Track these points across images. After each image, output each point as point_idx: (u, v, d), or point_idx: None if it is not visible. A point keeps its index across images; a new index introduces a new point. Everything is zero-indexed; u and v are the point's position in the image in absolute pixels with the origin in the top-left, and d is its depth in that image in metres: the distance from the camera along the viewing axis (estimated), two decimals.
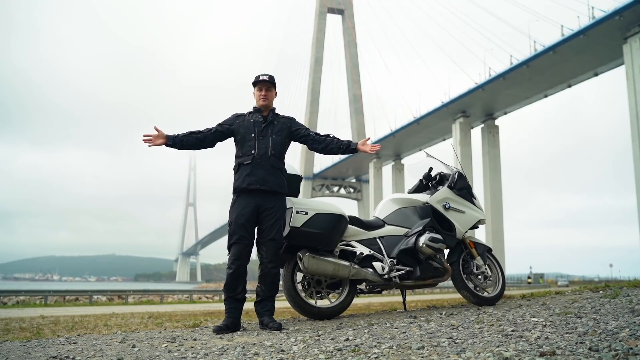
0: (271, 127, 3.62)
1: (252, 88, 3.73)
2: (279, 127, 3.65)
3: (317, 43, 53.97)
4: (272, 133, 3.60)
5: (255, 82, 3.71)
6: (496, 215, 36.46)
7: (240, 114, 3.73)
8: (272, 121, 3.65)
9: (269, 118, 3.65)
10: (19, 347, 2.95)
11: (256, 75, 3.74)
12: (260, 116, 3.65)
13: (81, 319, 5.85)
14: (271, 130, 3.61)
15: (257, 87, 3.70)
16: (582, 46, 28.08)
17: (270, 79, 3.69)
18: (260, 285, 3.50)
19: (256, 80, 3.70)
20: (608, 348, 1.88)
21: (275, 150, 3.57)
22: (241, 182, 3.49)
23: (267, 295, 3.49)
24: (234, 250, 3.43)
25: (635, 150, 25.62)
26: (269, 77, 3.69)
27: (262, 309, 3.47)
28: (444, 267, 4.05)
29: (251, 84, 3.74)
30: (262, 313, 3.46)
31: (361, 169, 53.44)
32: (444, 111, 37.91)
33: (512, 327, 2.60)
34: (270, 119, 3.65)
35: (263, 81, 3.67)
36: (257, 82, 3.69)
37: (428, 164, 4.51)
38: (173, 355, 2.40)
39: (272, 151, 3.55)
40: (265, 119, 3.64)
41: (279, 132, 3.63)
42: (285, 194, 3.63)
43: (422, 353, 2.07)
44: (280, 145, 3.62)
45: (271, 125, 3.63)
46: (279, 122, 3.68)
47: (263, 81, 3.67)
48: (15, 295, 17.02)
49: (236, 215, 3.46)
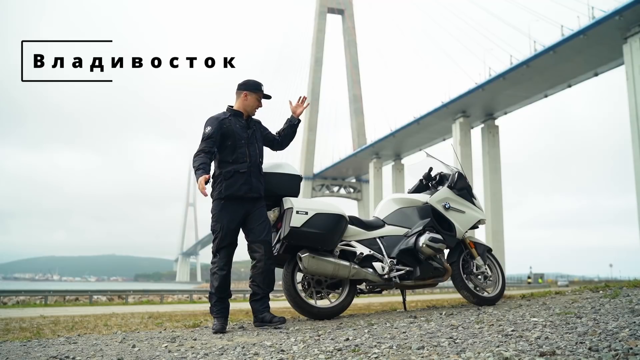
0: (255, 134, 3.65)
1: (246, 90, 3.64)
2: (258, 132, 3.70)
3: (317, 43, 53.92)
4: (257, 140, 3.64)
5: (258, 90, 3.66)
6: (496, 215, 36.42)
7: (221, 117, 3.58)
8: (254, 128, 3.67)
9: (251, 124, 3.66)
10: (19, 347, 2.95)
11: (258, 83, 3.69)
12: (243, 120, 3.62)
13: (81, 319, 5.85)
14: (256, 137, 3.64)
15: (257, 95, 3.66)
16: (582, 46, 28.05)
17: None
18: (258, 283, 3.51)
19: (259, 89, 3.67)
20: (608, 348, 1.88)
21: (261, 157, 3.65)
22: (236, 190, 3.47)
23: (265, 293, 3.53)
24: (225, 253, 3.50)
25: (635, 150, 25.60)
26: None
27: (262, 307, 3.50)
28: (444, 267, 4.05)
29: (248, 87, 3.65)
30: (262, 310, 3.49)
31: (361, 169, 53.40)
32: (444, 111, 37.87)
33: (512, 327, 2.60)
34: (253, 126, 3.67)
35: (265, 95, 3.69)
36: (260, 91, 3.67)
37: (428, 164, 4.51)
38: (173, 355, 2.40)
39: (260, 158, 3.62)
40: (249, 125, 3.64)
41: (260, 137, 3.69)
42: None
43: (422, 353, 2.07)
44: (262, 152, 3.68)
45: (254, 132, 3.65)
46: (257, 128, 3.71)
47: (265, 95, 3.69)
48: (15, 295, 16.99)
49: (228, 220, 3.48)
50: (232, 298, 3.58)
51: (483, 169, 37.93)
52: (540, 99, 35.77)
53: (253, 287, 3.54)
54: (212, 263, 3.54)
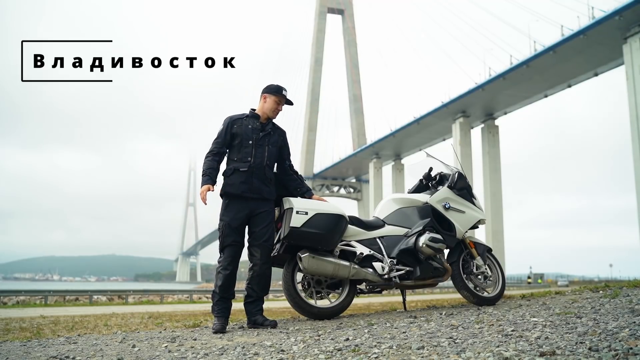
0: (269, 137, 3.63)
1: (266, 93, 3.66)
2: (275, 138, 3.67)
3: (317, 43, 53.91)
4: (269, 143, 3.62)
5: (277, 92, 3.65)
6: (496, 215, 36.42)
7: (236, 117, 3.66)
8: (270, 132, 3.66)
9: (267, 128, 3.65)
10: (19, 347, 2.95)
11: (278, 86, 3.69)
12: (258, 123, 3.64)
13: (81, 319, 5.85)
14: (268, 140, 3.62)
15: (276, 97, 3.65)
16: (582, 46, 28.05)
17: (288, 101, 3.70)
18: (253, 285, 3.56)
19: (279, 92, 3.65)
20: (608, 348, 1.88)
21: (270, 161, 3.62)
22: (235, 189, 3.51)
23: (259, 296, 3.58)
24: (229, 252, 3.50)
25: (635, 150, 25.60)
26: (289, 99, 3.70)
27: (255, 309, 3.54)
28: (444, 267, 4.05)
29: (269, 89, 3.66)
30: (255, 313, 3.53)
31: (361, 169, 53.39)
32: (444, 111, 37.88)
33: (512, 327, 2.60)
34: (269, 129, 3.66)
35: (285, 97, 3.66)
36: (279, 94, 3.65)
37: (428, 164, 4.51)
38: (173, 355, 2.40)
39: (267, 161, 3.59)
40: (264, 128, 3.64)
41: (275, 143, 3.66)
42: (273, 200, 3.67)
43: (422, 353, 2.07)
44: (274, 156, 3.66)
45: (269, 136, 3.64)
46: (276, 133, 3.70)
47: (285, 97, 3.66)
48: (15, 295, 16.99)
49: (230, 218, 3.50)
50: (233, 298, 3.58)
51: (483, 169, 37.93)
52: (540, 99, 35.77)
53: (248, 290, 3.58)
54: (217, 262, 3.57)
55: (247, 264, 3.66)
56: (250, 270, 3.56)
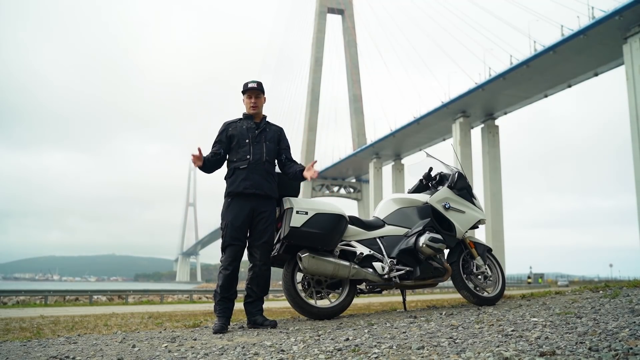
0: (264, 134, 3.68)
1: (242, 95, 3.73)
2: (271, 134, 3.72)
3: (317, 43, 53.92)
4: (265, 139, 3.66)
5: (244, 90, 3.72)
6: (496, 215, 36.44)
7: (231, 121, 3.77)
8: (264, 128, 3.71)
9: (261, 125, 3.71)
10: (19, 347, 2.95)
11: (244, 83, 3.75)
12: (252, 122, 3.70)
13: (81, 319, 5.86)
14: (264, 136, 3.67)
15: (246, 94, 3.72)
16: (582, 46, 28.07)
17: (258, 86, 3.71)
18: (252, 286, 3.57)
19: (245, 88, 3.72)
20: (608, 348, 1.88)
21: (269, 157, 3.65)
22: (237, 186, 3.54)
23: (259, 296, 3.59)
24: (230, 251, 3.51)
25: (635, 150, 25.62)
26: (257, 85, 3.71)
27: (255, 309, 3.55)
28: (444, 267, 4.05)
29: (240, 92, 3.74)
30: (255, 313, 3.54)
31: (361, 169, 53.41)
32: (444, 111, 37.89)
33: (512, 327, 2.60)
34: (263, 126, 3.71)
35: (252, 89, 3.69)
36: (246, 90, 3.71)
37: (428, 164, 4.51)
38: (173, 355, 2.40)
39: (266, 157, 3.62)
40: (258, 126, 3.69)
41: (272, 139, 3.71)
42: (276, 199, 3.68)
43: (422, 353, 2.07)
44: (273, 152, 3.69)
45: (264, 132, 3.69)
46: (271, 130, 3.75)
47: (252, 89, 3.69)
48: (15, 295, 16.99)
49: (232, 217, 3.52)
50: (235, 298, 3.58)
51: (483, 169, 37.95)
52: (540, 99, 35.78)
53: (247, 290, 3.59)
54: (219, 261, 3.58)
55: (247, 264, 3.66)
56: (250, 270, 3.58)
